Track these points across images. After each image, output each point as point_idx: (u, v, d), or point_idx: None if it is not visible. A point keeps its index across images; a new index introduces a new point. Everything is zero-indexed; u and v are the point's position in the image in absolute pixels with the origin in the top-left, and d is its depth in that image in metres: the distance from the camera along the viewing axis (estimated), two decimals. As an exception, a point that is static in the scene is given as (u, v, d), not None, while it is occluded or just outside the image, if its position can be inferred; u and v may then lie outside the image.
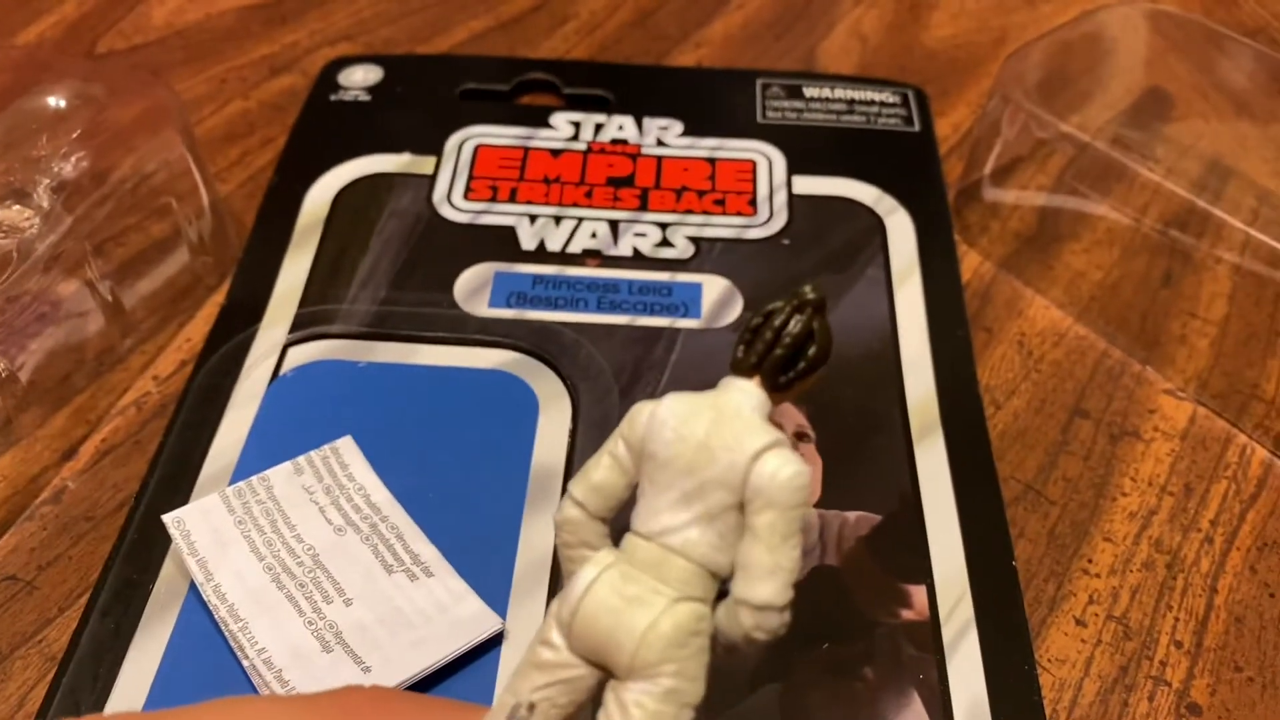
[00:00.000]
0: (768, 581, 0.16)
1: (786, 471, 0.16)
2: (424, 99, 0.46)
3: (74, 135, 0.36)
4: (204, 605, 0.29)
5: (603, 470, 0.18)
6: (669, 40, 0.51)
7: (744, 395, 0.17)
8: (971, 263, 0.40)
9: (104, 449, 0.34)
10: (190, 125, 0.37)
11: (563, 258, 0.39)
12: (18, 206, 0.35)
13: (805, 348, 0.17)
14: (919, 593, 0.30)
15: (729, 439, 0.17)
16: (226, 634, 0.28)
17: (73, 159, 0.36)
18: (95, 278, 0.35)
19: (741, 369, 0.17)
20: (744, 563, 0.17)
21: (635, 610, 0.16)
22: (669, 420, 0.17)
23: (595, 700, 0.17)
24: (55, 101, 0.37)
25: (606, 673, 0.17)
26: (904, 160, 0.43)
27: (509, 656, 0.29)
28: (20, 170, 0.36)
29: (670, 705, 0.16)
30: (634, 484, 0.18)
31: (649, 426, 0.17)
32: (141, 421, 0.35)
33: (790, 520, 0.16)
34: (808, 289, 0.17)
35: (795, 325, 0.17)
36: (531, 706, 0.17)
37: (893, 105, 0.46)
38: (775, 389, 0.17)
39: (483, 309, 0.38)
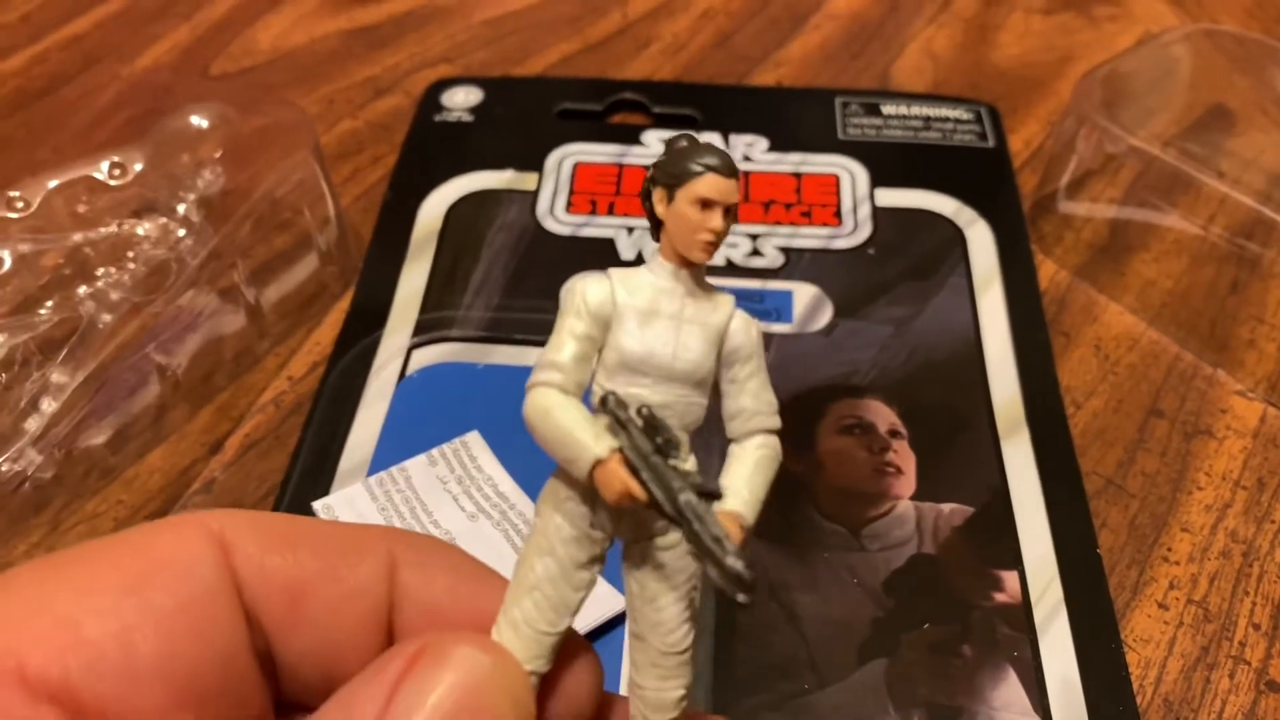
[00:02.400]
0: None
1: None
2: (523, 119, 0.48)
3: (215, 155, 0.39)
4: (351, 584, 0.32)
5: None
6: (749, 61, 0.54)
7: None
8: (1048, 271, 0.43)
9: (247, 443, 0.37)
10: (319, 142, 0.40)
11: (659, 267, 0.42)
12: (164, 220, 0.38)
13: None
14: (1011, 578, 0.32)
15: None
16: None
17: (213, 175, 0.39)
18: (240, 286, 0.38)
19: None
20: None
21: None
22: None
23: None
24: (196, 121, 0.40)
25: None
26: (981, 174, 0.46)
27: (633, 632, 0.31)
28: (165, 187, 0.39)
29: None
30: None
31: None
32: (280, 418, 0.38)
33: None
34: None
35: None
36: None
37: (967, 121, 0.48)
38: None
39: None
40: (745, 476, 0.19)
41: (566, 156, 0.46)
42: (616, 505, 0.18)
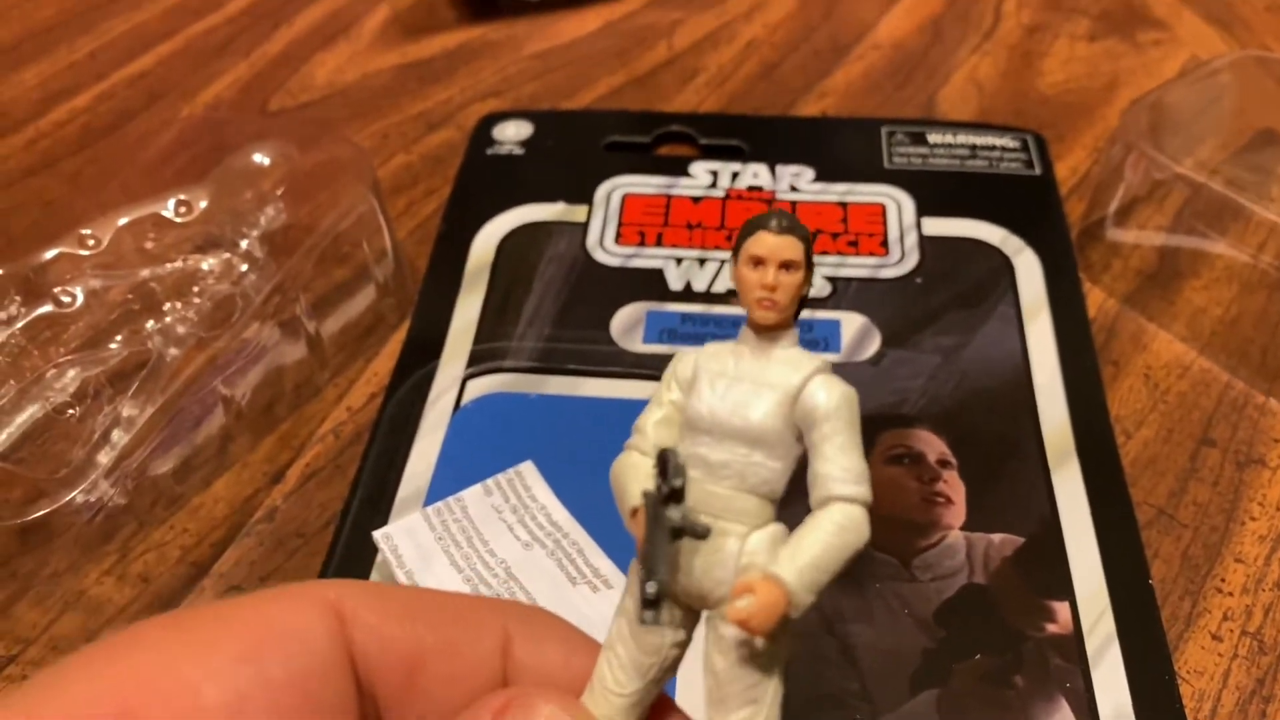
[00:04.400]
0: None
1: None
2: (572, 151, 0.49)
3: (278, 191, 0.40)
4: (410, 612, 0.32)
5: None
6: (794, 91, 0.54)
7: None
8: (1096, 299, 0.43)
9: (308, 473, 0.38)
10: (376, 177, 0.41)
11: (708, 297, 0.43)
12: (228, 256, 0.39)
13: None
14: (1063, 608, 0.32)
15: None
16: (436, 637, 0.32)
17: (275, 211, 0.40)
18: (301, 319, 0.39)
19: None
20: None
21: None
22: None
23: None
24: (258, 159, 0.42)
25: None
26: (1027, 202, 0.46)
27: (683, 673, 0.32)
28: (229, 223, 0.40)
29: None
30: None
31: None
32: (340, 448, 0.39)
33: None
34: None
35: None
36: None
37: (1013, 150, 0.48)
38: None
39: (637, 345, 0.41)
40: (796, 542, 0.18)
41: (615, 188, 0.47)
42: (639, 550, 0.19)
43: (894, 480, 0.36)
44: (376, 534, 0.34)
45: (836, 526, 0.18)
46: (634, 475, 0.19)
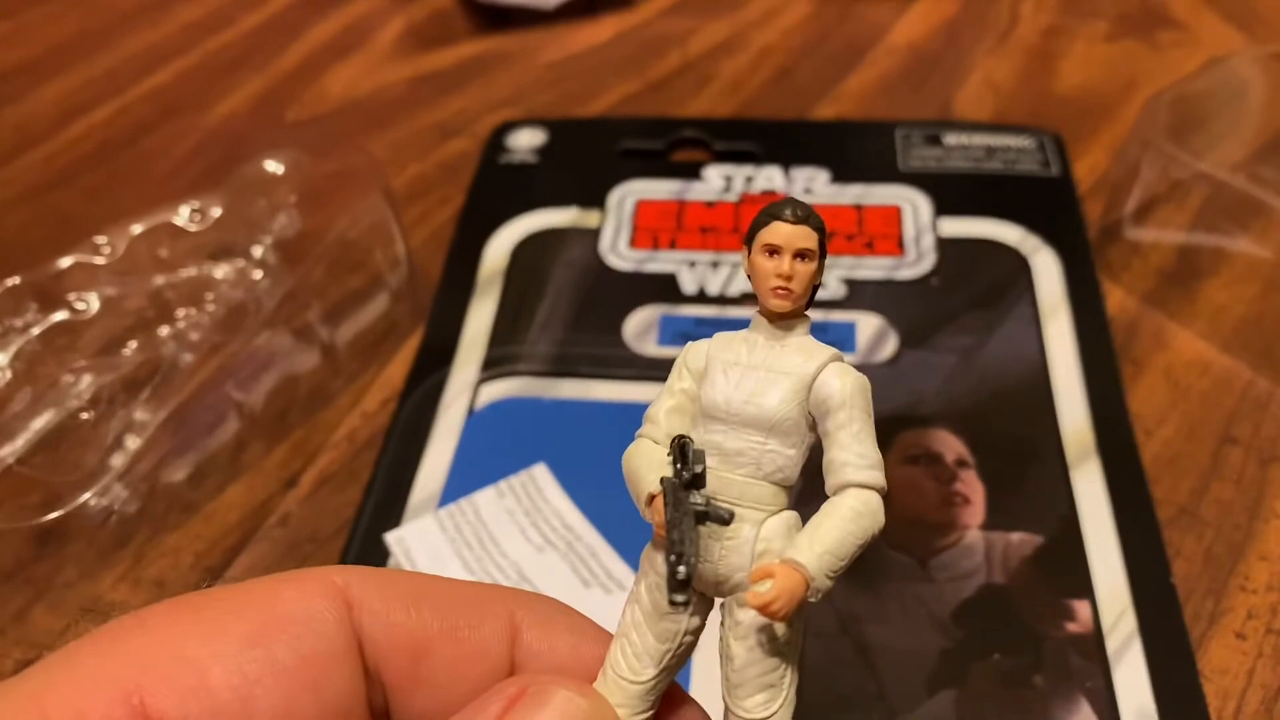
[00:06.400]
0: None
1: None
2: (586, 158, 0.49)
3: (291, 199, 0.40)
4: (422, 616, 0.32)
5: None
6: (809, 96, 0.54)
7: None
8: (1116, 298, 0.42)
9: (322, 478, 0.38)
10: (390, 186, 0.42)
11: (722, 300, 0.42)
12: (242, 263, 0.40)
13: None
14: (1083, 607, 0.32)
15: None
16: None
17: (288, 219, 0.40)
18: (314, 326, 0.39)
19: None
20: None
21: None
22: None
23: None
24: (271, 168, 0.42)
25: None
26: (1045, 203, 0.45)
27: (698, 661, 0.31)
28: (242, 231, 0.40)
29: None
30: None
31: None
32: (354, 453, 0.39)
33: None
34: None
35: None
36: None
37: (1030, 150, 0.48)
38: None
39: (651, 348, 0.41)
40: (814, 528, 0.18)
41: (628, 194, 0.47)
42: (657, 535, 0.19)
43: (911, 480, 0.36)
44: (389, 536, 0.34)
45: (853, 513, 0.18)
46: (649, 462, 0.19)
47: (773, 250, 0.19)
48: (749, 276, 0.20)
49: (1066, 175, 0.47)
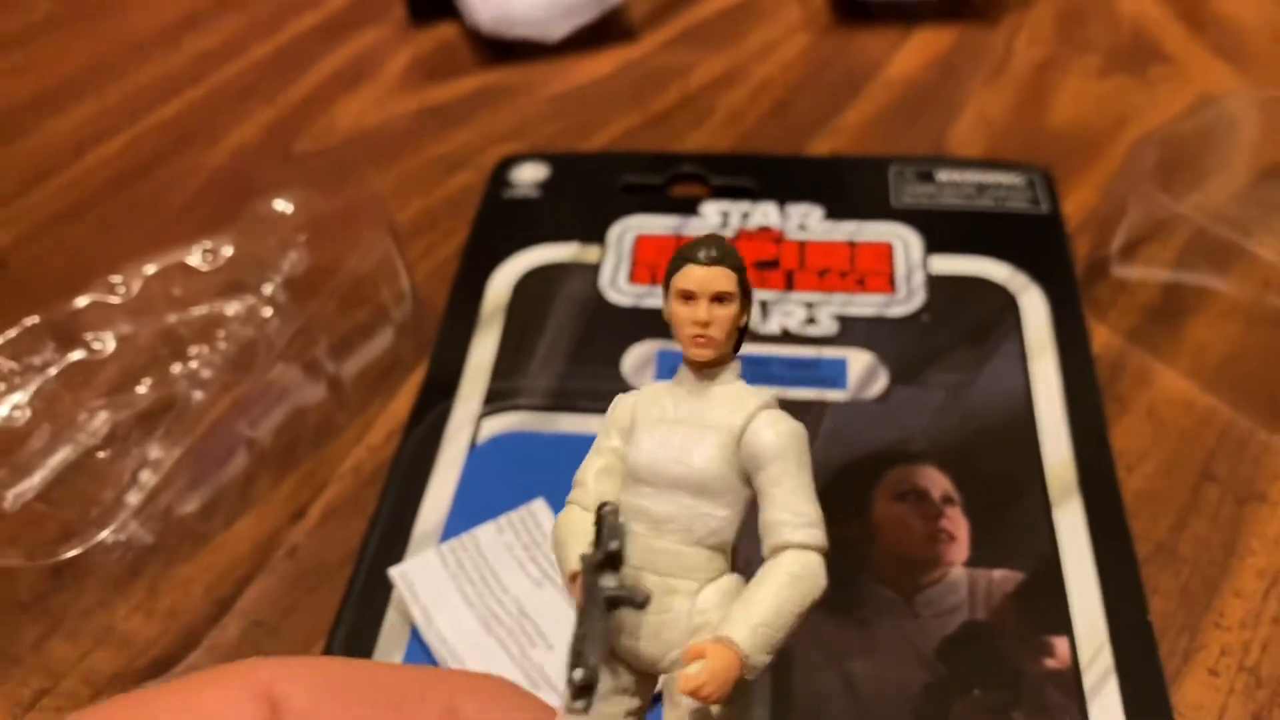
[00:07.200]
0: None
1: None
2: (587, 192, 0.51)
3: (300, 237, 0.42)
4: (424, 647, 0.34)
5: None
6: (806, 129, 0.55)
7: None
8: (1101, 336, 0.43)
9: (328, 511, 0.39)
10: (394, 222, 0.43)
11: (718, 336, 0.43)
12: (252, 301, 0.41)
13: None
14: (1061, 643, 0.33)
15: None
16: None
17: (298, 257, 0.42)
18: (321, 360, 0.40)
19: None
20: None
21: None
22: None
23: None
24: (280, 206, 0.43)
25: None
26: (1034, 240, 0.47)
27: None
28: (253, 269, 0.42)
29: None
30: None
31: None
32: (359, 486, 0.40)
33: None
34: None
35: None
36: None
37: (1020, 188, 0.49)
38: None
39: (649, 383, 0.42)
40: (748, 598, 0.17)
41: (628, 229, 0.48)
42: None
43: (900, 517, 0.37)
44: (392, 571, 0.35)
45: (790, 577, 0.17)
46: (574, 535, 0.18)
47: (688, 296, 0.18)
48: (668, 323, 0.19)
49: (1055, 213, 0.48)
